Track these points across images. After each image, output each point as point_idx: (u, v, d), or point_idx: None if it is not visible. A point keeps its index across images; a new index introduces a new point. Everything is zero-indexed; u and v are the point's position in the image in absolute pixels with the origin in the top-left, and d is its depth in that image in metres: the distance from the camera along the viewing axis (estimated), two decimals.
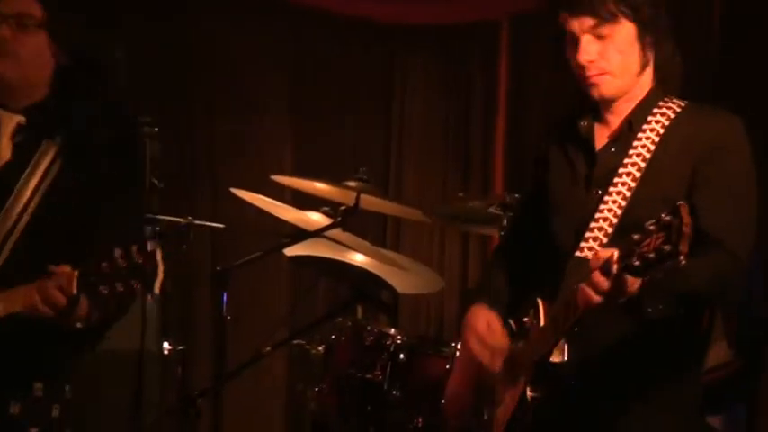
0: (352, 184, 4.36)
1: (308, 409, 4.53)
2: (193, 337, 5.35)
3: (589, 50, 2.81)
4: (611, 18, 2.79)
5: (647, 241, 2.40)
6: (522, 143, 5.80)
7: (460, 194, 5.26)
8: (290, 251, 4.57)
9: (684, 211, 2.35)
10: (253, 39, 5.95)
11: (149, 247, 2.83)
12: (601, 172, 2.88)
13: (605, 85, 2.86)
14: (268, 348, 4.40)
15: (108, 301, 2.84)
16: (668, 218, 2.36)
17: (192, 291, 5.20)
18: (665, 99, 2.90)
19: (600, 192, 2.85)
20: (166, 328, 4.93)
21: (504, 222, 4.29)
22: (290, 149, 5.93)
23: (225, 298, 4.01)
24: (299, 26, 5.91)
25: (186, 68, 5.90)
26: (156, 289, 2.88)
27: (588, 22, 2.80)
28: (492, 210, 4.26)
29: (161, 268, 2.83)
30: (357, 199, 4.28)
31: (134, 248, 2.79)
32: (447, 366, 4.21)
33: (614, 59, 2.83)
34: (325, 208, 4.49)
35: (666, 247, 2.36)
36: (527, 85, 5.81)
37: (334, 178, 4.46)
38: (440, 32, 5.85)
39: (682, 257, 2.36)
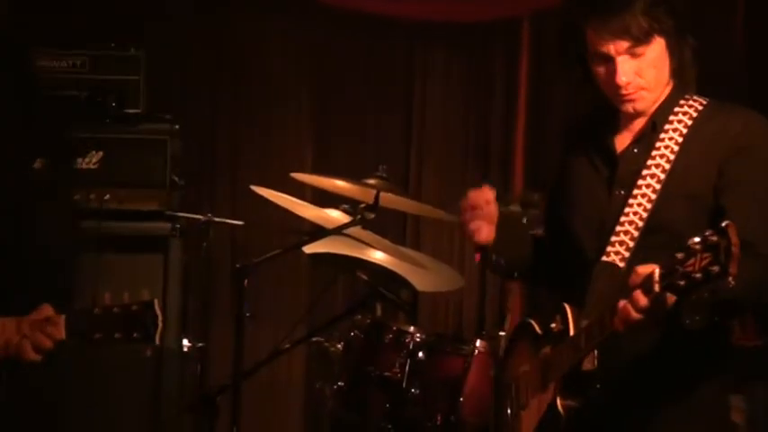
0: (371, 181, 4.36)
1: (327, 407, 4.53)
2: (213, 334, 5.36)
3: (626, 71, 2.80)
4: (646, 38, 2.78)
5: (692, 261, 2.37)
6: (542, 141, 5.79)
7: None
8: (309, 248, 4.57)
9: (733, 232, 2.32)
10: (274, 37, 5.96)
11: (145, 296, 2.84)
12: (624, 173, 2.87)
13: (641, 101, 2.86)
14: (287, 346, 4.41)
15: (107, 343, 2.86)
16: (715, 237, 2.34)
17: (211, 288, 5.20)
18: (686, 97, 2.88)
19: (623, 193, 2.84)
20: (186, 325, 4.95)
21: (525, 220, 4.27)
22: (310, 147, 5.93)
23: (244, 295, 4.01)
24: (320, 24, 5.91)
25: (208, 66, 5.91)
26: (157, 340, 2.89)
27: (624, 44, 2.79)
28: (512, 208, 4.25)
29: (161, 318, 2.84)
30: (377, 197, 4.27)
31: (126, 296, 2.81)
32: (466, 364, 4.21)
33: (649, 75, 2.82)
34: (345, 206, 4.48)
35: (714, 268, 2.33)
36: (548, 82, 5.79)
37: (354, 176, 4.46)
38: (461, 30, 5.84)
39: (731, 279, 2.34)
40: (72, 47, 4.96)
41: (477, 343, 4.27)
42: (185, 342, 4.85)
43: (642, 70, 2.81)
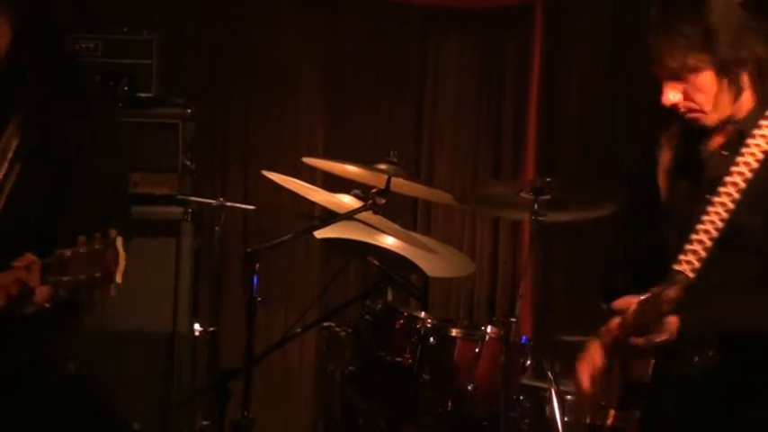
0: (383, 167, 4.35)
1: (338, 391, 4.54)
2: (224, 318, 5.37)
3: (670, 95, 2.77)
4: (682, 76, 2.74)
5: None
6: (553, 127, 5.78)
7: (492, 180, 5.24)
8: (320, 233, 4.57)
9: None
10: (286, 22, 5.95)
11: (113, 234, 2.82)
12: (710, 176, 2.81)
13: (702, 121, 2.82)
14: (298, 330, 4.41)
15: (74, 285, 2.85)
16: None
17: (223, 272, 5.20)
18: None
19: (708, 197, 2.77)
20: (198, 309, 4.96)
21: (536, 207, 4.25)
22: (321, 132, 5.93)
23: (256, 279, 4.02)
24: (333, 10, 5.91)
25: (221, 51, 5.91)
26: (119, 278, 2.84)
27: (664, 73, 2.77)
28: (523, 194, 4.23)
29: (122, 256, 2.81)
30: (388, 182, 4.27)
31: (97, 236, 2.80)
32: (477, 350, 4.21)
33: (699, 99, 2.77)
34: (356, 191, 4.48)
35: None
36: (560, 69, 5.78)
37: (365, 161, 4.46)
38: (473, 16, 5.83)
39: None
40: (84, 30, 4.97)
41: (488, 329, 4.27)
42: (197, 326, 4.86)
43: (690, 94, 2.77)
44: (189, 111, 4.97)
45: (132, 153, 4.84)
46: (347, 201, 4.47)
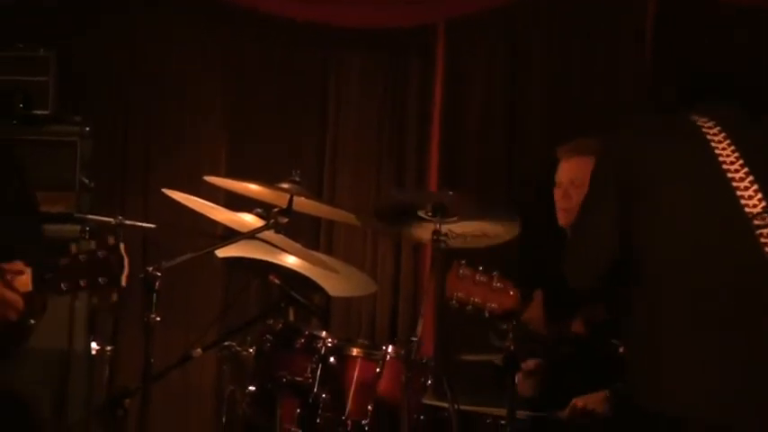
0: (285, 185, 4.35)
1: (238, 411, 4.51)
2: (123, 337, 5.31)
3: None
4: None
5: None
6: (456, 147, 5.81)
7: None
8: (222, 252, 4.54)
9: None
10: (190, 41, 5.93)
11: (111, 241, 2.83)
12: None
13: None
14: (198, 350, 4.37)
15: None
16: None
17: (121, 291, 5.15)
18: None
19: None
20: (95, 328, 4.89)
21: (438, 226, 4.25)
22: (224, 151, 5.90)
23: (155, 298, 3.98)
24: (235, 28, 5.89)
25: (123, 68, 5.86)
26: (123, 282, 2.89)
27: None
28: (423, 214, 4.24)
29: (126, 261, 2.84)
30: (290, 201, 4.26)
31: (93, 243, 2.80)
32: (377, 370, 4.22)
33: None
34: (259, 210, 4.46)
35: None
36: (462, 88, 5.82)
37: (268, 180, 4.45)
38: (375, 34, 5.85)
39: None
40: None
41: (389, 348, 4.28)
42: (94, 344, 4.79)
43: None
44: (87, 129, 4.92)
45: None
46: (249, 220, 4.45)
